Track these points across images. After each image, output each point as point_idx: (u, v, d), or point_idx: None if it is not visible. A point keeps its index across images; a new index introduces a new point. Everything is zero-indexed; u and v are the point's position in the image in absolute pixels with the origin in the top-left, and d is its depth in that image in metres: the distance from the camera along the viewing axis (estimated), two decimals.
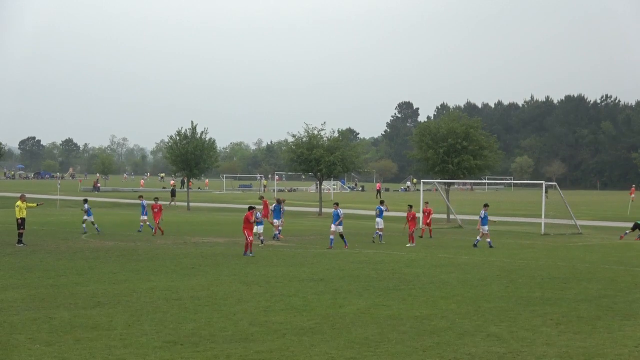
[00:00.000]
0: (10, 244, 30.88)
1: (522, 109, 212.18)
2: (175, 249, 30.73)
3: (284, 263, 26.08)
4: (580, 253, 31.78)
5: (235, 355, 12.49)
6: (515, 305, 17.88)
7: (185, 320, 15.40)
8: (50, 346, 13.01)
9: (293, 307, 17.21)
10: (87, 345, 13.06)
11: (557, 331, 14.92)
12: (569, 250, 33.20)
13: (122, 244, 31.78)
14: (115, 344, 13.19)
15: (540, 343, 13.81)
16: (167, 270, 23.75)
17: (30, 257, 26.71)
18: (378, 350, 13.02)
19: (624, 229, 41.82)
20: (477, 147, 52.52)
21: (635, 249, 33.92)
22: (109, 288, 19.72)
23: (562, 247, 34.31)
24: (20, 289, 19.24)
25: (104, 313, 16.13)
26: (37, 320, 15.24)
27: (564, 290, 20.42)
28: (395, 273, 23.69)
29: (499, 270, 24.79)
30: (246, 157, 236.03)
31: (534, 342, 13.86)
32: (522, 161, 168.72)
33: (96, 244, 31.94)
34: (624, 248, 34.46)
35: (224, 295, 18.67)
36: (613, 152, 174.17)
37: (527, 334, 14.59)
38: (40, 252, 28.66)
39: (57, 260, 26.01)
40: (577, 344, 13.76)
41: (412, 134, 61.74)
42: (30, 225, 33.40)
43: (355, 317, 15.99)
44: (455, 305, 17.82)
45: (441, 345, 13.50)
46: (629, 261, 28.57)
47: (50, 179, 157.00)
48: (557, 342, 13.95)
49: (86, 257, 27.30)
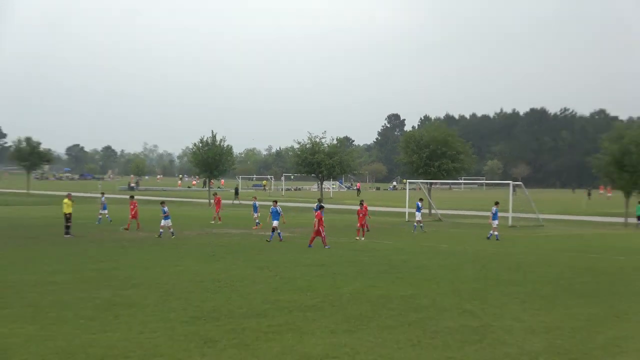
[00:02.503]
0: (59, 235, 30.95)
1: (493, 119, 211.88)
2: (198, 239, 30.77)
3: (290, 251, 26.13)
4: (542, 242, 31.82)
5: (250, 329, 12.54)
6: (487, 286, 17.94)
7: (207, 299, 15.46)
8: (93, 321, 13.08)
9: (298, 287, 17.26)
10: (124, 320, 13.14)
11: (522, 308, 14.98)
12: (532, 239, 33.24)
13: (153, 235, 31.80)
14: (149, 319, 13.26)
15: (507, 318, 13.87)
16: (192, 257, 23.81)
17: (76, 246, 26.80)
18: (370, 324, 13.07)
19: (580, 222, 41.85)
20: (454, 152, 52.50)
21: (588, 239, 33.96)
22: (142, 272, 19.80)
23: (527, 237, 34.36)
24: (68, 273, 19.32)
25: (139, 293, 16.21)
26: (83, 299, 15.32)
27: (528, 274, 20.48)
28: (386, 259, 23.73)
29: (473, 257, 24.85)
30: (258, 160, 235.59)
31: (502, 317, 13.93)
32: (492, 164, 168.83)
33: (131, 235, 31.99)
34: (579, 238, 34.51)
35: (240, 278, 18.72)
36: (570, 156, 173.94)
37: (496, 310, 14.65)
38: (84, 242, 28.74)
39: (98, 249, 26.10)
40: (539, 319, 13.83)
41: (400, 141, 61.63)
42: (75, 219, 33.45)
43: (351, 297, 16.04)
44: (435, 286, 17.88)
45: (424, 320, 13.56)
46: (583, 249, 28.63)
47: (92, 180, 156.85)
48: (522, 317, 14.01)
49: (123, 246, 27.37)
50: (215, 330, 12.39)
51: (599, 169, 45.46)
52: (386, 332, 12.47)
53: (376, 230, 35.52)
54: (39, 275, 18.74)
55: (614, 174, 43.77)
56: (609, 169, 43.93)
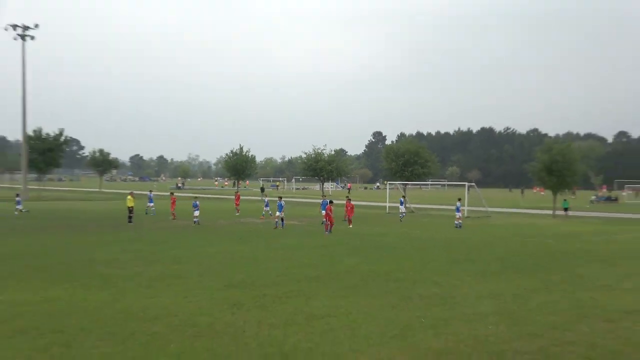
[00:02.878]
0: (124, 224, 30.97)
1: (453, 136, 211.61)
2: (230, 226, 30.75)
3: (298, 236, 26.10)
4: (490, 229, 31.75)
5: (269, 295, 12.53)
6: (449, 263, 17.92)
7: (236, 272, 15.45)
8: (149, 289, 13.09)
9: (305, 264, 17.25)
10: (173, 289, 13.14)
11: (476, 280, 14.95)
12: (482, 227, 33.18)
13: (188, 223, 31.77)
14: (192, 288, 13.26)
15: (464, 287, 13.85)
16: (225, 240, 23.80)
17: (136, 232, 26.81)
18: (361, 292, 13.06)
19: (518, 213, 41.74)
20: (423, 161, 52.44)
21: (525, 227, 33.87)
22: (187, 252, 19.80)
23: (478, 226, 34.29)
24: (129, 253, 19.33)
25: (184, 268, 16.21)
26: (141, 272, 15.33)
27: (480, 254, 20.45)
28: (373, 242, 23.71)
29: (438, 241, 24.81)
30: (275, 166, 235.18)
31: (461, 287, 13.91)
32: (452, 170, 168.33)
33: (177, 223, 31.96)
34: (518, 226, 34.40)
35: (261, 257, 18.73)
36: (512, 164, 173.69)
37: (456, 282, 14.63)
38: (142, 229, 28.72)
39: (153, 234, 26.09)
40: (489, 288, 13.80)
41: (382, 152, 61.55)
42: (135, 211, 33.46)
43: (346, 271, 16.03)
44: (410, 263, 17.85)
45: (401, 289, 13.55)
46: (522, 234, 28.57)
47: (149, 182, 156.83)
48: (475, 287, 13.99)
49: (172, 232, 27.36)
50: (242, 296, 12.39)
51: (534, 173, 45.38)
52: (372, 297, 12.47)
53: (364, 220, 35.43)
54: (108, 254, 18.77)
55: (544, 177, 43.73)
56: (541, 174, 43.92)
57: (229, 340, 9.09)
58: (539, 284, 14.48)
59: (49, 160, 63.89)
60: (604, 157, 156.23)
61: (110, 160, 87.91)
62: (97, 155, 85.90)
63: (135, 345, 8.78)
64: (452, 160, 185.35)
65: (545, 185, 45.26)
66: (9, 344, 8.78)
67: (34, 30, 57.29)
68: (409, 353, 8.61)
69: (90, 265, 16.47)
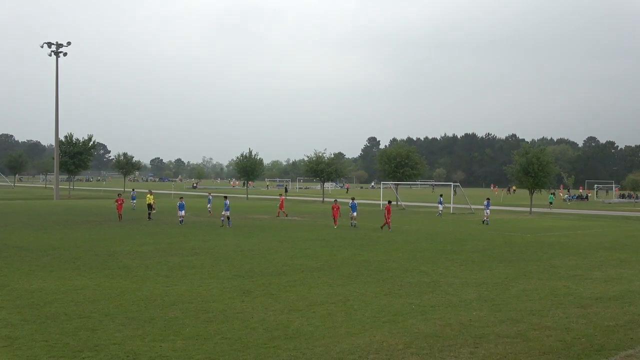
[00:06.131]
0: (144, 219, 30.90)
1: (440, 141, 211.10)
2: (239, 221, 30.64)
3: (301, 230, 26.03)
4: (473, 224, 31.64)
5: (275, 283, 12.47)
6: (436, 254, 17.85)
7: (245, 263, 15.40)
8: (167, 278, 13.03)
9: (307, 255, 17.19)
10: (189, 278, 13.08)
11: (460, 269, 14.89)
12: (466, 222, 33.07)
13: (207, 219, 31.73)
14: (205, 277, 13.20)
15: (450, 276, 13.78)
16: (235, 234, 23.72)
17: (155, 227, 26.75)
18: (357, 280, 13.00)
19: (499, 210, 41.53)
20: (413, 163, 52.33)
21: (505, 222, 33.75)
22: (201, 244, 19.74)
23: (463, 221, 34.19)
24: (150, 245, 19.28)
25: (198, 259, 16.15)
26: (160, 263, 15.28)
27: (464, 245, 20.37)
28: (367, 236, 23.63)
29: (426, 234, 24.73)
30: (280, 168, 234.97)
31: (446, 275, 13.84)
32: (439, 171, 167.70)
33: (192, 219, 31.90)
34: (498, 221, 34.28)
35: (267, 249, 18.66)
36: (492, 166, 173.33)
37: (442, 270, 14.56)
38: (161, 224, 28.65)
39: (170, 228, 26.02)
40: (472, 277, 13.73)
41: (376, 155, 61.44)
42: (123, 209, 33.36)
43: (343, 261, 15.97)
44: (400, 254, 17.78)
45: (393, 277, 13.48)
46: (501, 229, 28.47)
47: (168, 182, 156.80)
48: (460, 275, 13.93)
49: (188, 226, 27.29)
50: (250, 284, 12.32)
51: (512, 175, 45.35)
52: (367, 285, 12.40)
53: (360, 215, 35.23)
54: (130, 246, 18.71)
55: (522, 178, 43.70)
56: (518, 175, 43.90)
57: (239, 325, 9.03)
58: (517, 274, 14.40)
59: (78, 163, 63.91)
60: (575, 160, 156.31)
61: (133, 163, 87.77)
62: (122, 158, 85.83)
63: (155, 329, 8.71)
64: (439, 162, 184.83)
65: (521, 185, 45.23)
66: (41, 328, 8.73)
67: (67, 48, 57.07)
68: (401, 336, 8.53)
69: (113, 256, 16.39)
